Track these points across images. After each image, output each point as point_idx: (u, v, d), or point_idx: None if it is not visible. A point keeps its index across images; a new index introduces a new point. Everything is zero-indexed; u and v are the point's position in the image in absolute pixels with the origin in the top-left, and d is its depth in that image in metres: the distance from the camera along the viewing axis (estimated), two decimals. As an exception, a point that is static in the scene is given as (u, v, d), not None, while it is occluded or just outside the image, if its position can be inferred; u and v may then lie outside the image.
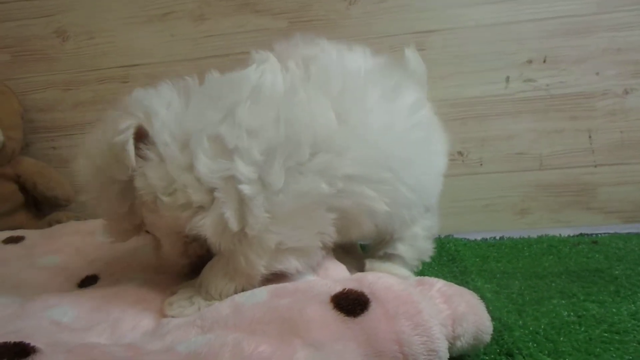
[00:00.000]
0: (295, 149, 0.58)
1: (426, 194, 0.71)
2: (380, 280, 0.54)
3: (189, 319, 0.55)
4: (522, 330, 0.58)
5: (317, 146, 0.59)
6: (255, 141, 0.57)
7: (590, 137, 1.15)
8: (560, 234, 1.06)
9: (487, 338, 0.53)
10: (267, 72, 0.63)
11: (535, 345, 0.54)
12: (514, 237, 1.03)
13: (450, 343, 0.50)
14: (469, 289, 0.71)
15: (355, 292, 0.52)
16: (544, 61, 1.15)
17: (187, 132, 0.57)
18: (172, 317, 0.59)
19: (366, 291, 0.52)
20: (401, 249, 0.71)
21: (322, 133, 0.60)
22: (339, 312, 0.50)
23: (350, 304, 0.50)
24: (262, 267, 0.58)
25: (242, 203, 0.56)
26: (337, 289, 0.53)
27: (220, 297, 0.60)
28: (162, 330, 0.54)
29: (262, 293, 0.56)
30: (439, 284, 0.56)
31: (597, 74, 1.15)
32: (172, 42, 1.25)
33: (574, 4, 1.14)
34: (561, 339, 0.55)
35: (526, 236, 1.04)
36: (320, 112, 0.61)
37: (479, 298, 0.56)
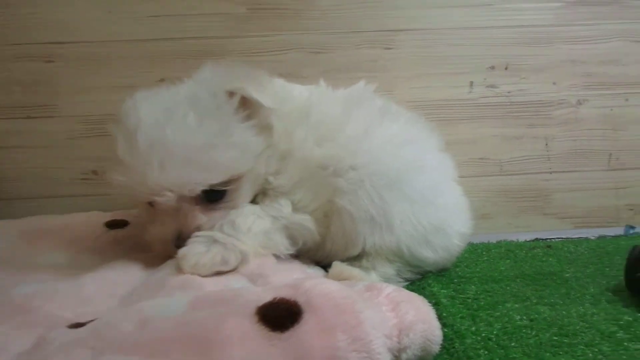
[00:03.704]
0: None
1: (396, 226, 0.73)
2: (319, 286, 0.49)
3: (81, 337, 0.46)
4: (474, 337, 0.58)
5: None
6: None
7: (546, 144, 1.19)
8: (517, 239, 1.08)
9: (436, 349, 0.50)
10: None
11: (486, 352, 0.54)
12: (474, 242, 1.04)
13: (394, 356, 0.47)
14: (425, 294, 0.71)
15: (287, 301, 0.47)
16: (506, 68, 1.17)
17: None
18: (191, 274, 0.60)
19: (300, 300, 0.47)
20: (374, 277, 0.73)
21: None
22: (264, 326, 0.44)
23: (279, 316, 0.45)
24: (287, 209, 0.72)
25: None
26: (267, 298, 0.48)
27: (249, 232, 0.67)
28: (41, 353, 0.45)
29: (180, 304, 0.50)
30: (388, 290, 0.53)
31: (554, 83, 1.18)
32: (109, 19, 1.10)
33: (536, 14, 1.17)
34: (512, 344, 0.56)
35: (486, 241, 1.06)
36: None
37: (432, 304, 0.54)
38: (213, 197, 0.69)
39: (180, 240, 0.67)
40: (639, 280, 0.66)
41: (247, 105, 0.70)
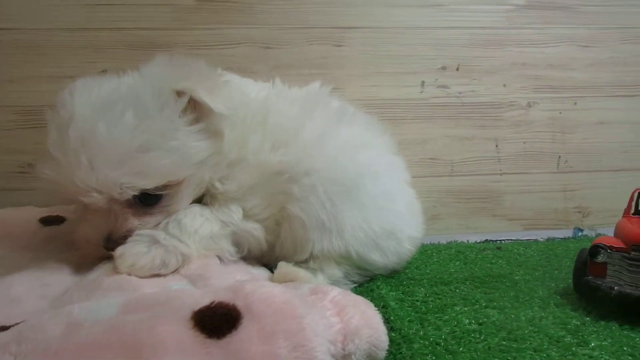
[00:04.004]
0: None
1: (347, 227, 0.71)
2: (260, 290, 0.47)
3: (3, 341, 0.43)
4: (422, 341, 0.56)
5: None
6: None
7: (497, 146, 1.19)
8: (468, 240, 1.09)
9: (382, 355, 0.48)
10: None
11: (434, 358, 0.52)
12: (425, 243, 1.02)
13: None
14: (373, 297, 0.70)
15: (226, 305, 0.44)
16: (457, 69, 1.17)
17: None
18: (128, 274, 0.57)
19: (240, 304, 0.45)
20: (321, 278, 0.71)
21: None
22: (199, 332, 0.42)
23: (216, 321, 0.43)
24: (237, 215, 0.68)
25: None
26: (204, 302, 0.45)
27: (195, 234, 0.64)
28: None
29: (112, 306, 0.47)
30: (333, 293, 0.51)
31: (505, 85, 1.18)
32: (55, 5, 1.05)
33: (487, 16, 1.17)
34: (460, 349, 0.54)
35: (436, 242, 1.06)
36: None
37: (380, 307, 0.53)
38: (148, 201, 0.64)
39: (110, 242, 0.62)
40: (586, 283, 0.66)
41: (196, 108, 0.65)
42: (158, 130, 0.61)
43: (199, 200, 0.70)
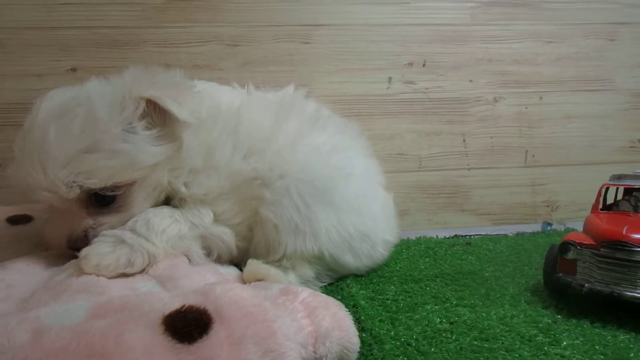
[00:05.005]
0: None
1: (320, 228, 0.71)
2: (229, 293, 0.46)
3: None
4: (393, 342, 0.54)
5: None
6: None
7: (464, 141, 1.19)
8: (437, 236, 1.08)
9: (354, 357, 0.48)
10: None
11: (405, 359, 0.51)
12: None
13: None
14: (343, 295, 0.69)
15: (197, 309, 0.43)
16: (424, 65, 1.17)
17: None
18: (94, 274, 0.57)
19: (210, 308, 0.44)
20: (292, 277, 0.71)
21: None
22: (170, 338, 0.40)
23: (187, 326, 0.42)
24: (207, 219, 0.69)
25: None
26: (174, 305, 0.44)
27: (163, 234, 0.64)
28: None
29: (80, 311, 0.46)
30: (303, 294, 0.50)
31: (471, 81, 1.19)
32: (21, 3, 1.04)
33: (452, 13, 1.17)
34: (432, 349, 0.52)
35: (405, 238, 1.05)
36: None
37: (350, 307, 0.52)
38: (101, 201, 0.65)
39: (71, 242, 0.65)
40: (557, 280, 0.65)
41: (157, 114, 0.66)
42: (106, 133, 0.62)
43: (168, 203, 0.70)
